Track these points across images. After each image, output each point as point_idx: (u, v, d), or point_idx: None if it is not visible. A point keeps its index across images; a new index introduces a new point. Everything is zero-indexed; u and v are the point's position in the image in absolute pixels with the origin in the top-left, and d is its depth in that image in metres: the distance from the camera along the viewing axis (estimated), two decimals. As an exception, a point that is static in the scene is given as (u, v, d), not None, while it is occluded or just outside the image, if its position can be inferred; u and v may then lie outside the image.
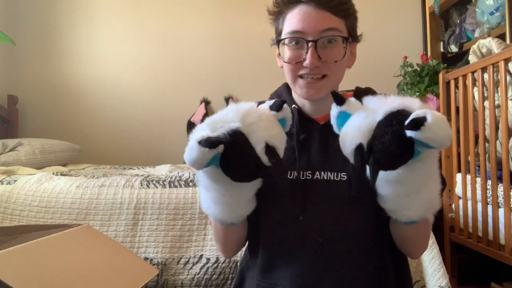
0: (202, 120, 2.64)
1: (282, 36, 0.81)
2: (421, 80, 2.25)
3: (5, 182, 1.60)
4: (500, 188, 1.52)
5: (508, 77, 1.56)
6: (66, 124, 2.97)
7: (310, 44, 0.77)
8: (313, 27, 0.77)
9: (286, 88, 0.92)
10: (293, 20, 0.79)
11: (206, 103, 3.00)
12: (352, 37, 0.82)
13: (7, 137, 2.62)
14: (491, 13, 2.18)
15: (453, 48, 2.68)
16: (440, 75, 1.95)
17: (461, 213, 1.78)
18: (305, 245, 0.79)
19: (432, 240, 1.35)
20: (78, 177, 1.64)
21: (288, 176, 0.82)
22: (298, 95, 0.85)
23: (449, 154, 1.88)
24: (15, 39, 2.61)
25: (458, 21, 2.64)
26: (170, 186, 1.50)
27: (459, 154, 1.82)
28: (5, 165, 2.05)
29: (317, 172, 0.82)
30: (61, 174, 1.70)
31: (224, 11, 3.02)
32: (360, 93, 0.87)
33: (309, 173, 0.82)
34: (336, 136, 0.78)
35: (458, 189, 1.82)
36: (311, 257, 0.78)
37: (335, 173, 0.81)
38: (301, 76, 0.81)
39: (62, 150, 2.53)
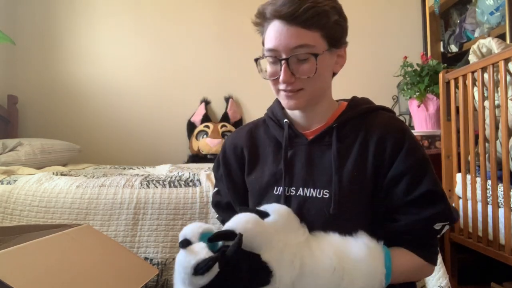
0: (202, 120, 2.67)
1: (263, 53, 0.83)
2: (421, 80, 2.24)
3: (5, 182, 1.60)
4: (500, 188, 1.52)
5: (508, 77, 1.56)
6: (66, 124, 2.97)
7: (282, 62, 0.78)
8: (285, 45, 0.78)
9: (278, 102, 0.94)
10: (268, 37, 0.80)
11: (206, 103, 2.99)
12: (333, 44, 0.82)
13: (7, 137, 2.61)
14: (491, 13, 2.18)
15: (453, 48, 2.68)
16: (440, 75, 1.95)
17: (461, 213, 1.78)
18: None
19: (432, 240, 1.35)
20: (78, 177, 1.64)
21: (274, 192, 0.85)
22: (283, 106, 0.87)
23: (449, 154, 1.88)
24: (15, 39, 2.61)
25: (458, 21, 2.64)
26: (170, 186, 1.50)
27: (459, 154, 1.82)
28: (5, 165, 2.05)
29: (301, 188, 0.84)
30: (61, 174, 1.70)
31: (224, 11, 3.02)
32: (356, 103, 0.91)
33: (293, 189, 0.84)
34: (322, 152, 0.83)
35: (458, 189, 1.82)
36: None
37: (318, 190, 0.82)
38: (281, 90, 0.83)
39: (62, 150, 2.53)
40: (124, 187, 1.50)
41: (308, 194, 0.82)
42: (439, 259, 1.31)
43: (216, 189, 1.01)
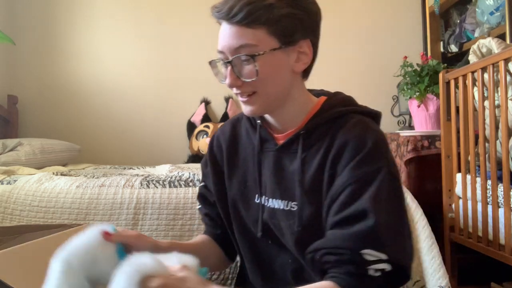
0: (202, 120, 2.68)
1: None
2: (421, 80, 2.24)
3: (5, 182, 1.60)
4: (500, 188, 1.52)
5: (508, 77, 1.56)
6: (66, 124, 2.97)
7: (227, 64, 0.74)
8: (227, 47, 0.73)
9: None
10: (218, 39, 0.75)
11: (206, 103, 2.99)
12: (287, 40, 0.72)
13: (7, 137, 2.61)
14: (491, 13, 2.18)
15: (453, 48, 2.68)
16: (440, 75, 1.95)
17: (461, 213, 1.78)
18: (280, 264, 0.80)
19: (432, 240, 1.35)
20: (78, 177, 1.64)
21: (255, 200, 0.82)
22: None
23: (449, 154, 1.88)
24: (15, 39, 2.61)
25: (458, 21, 2.64)
26: (170, 186, 1.50)
27: (459, 154, 1.82)
28: (5, 165, 2.05)
29: (270, 200, 0.79)
30: (61, 174, 1.70)
31: (224, 11, 3.02)
32: (330, 105, 0.80)
33: (266, 199, 0.80)
34: (291, 160, 0.77)
35: (458, 189, 1.82)
36: (287, 279, 0.79)
37: (286, 201, 0.76)
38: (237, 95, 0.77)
39: (62, 150, 2.53)
40: (124, 187, 1.50)
41: (275, 206, 0.77)
42: (439, 259, 1.31)
43: (203, 183, 0.95)
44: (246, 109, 0.77)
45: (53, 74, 2.99)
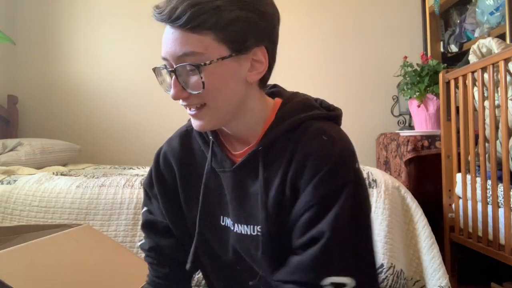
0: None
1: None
2: (421, 80, 2.24)
3: (5, 182, 1.60)
4: (500, 188, 1.52)
5: (508, 77, 1.56)
6: (66, 124, 2.97)
7: (171, 73, 0.65)
8: (171, 53, 0.64)
9: None
10: (162, 43, 0.66)
11: (206, 103, 2.99)
12: (239, 48, 0.64)
13: (7, 137, 2.61)
14: (491, 13, 2.18)
15: (453, 48, 2.68)
16: (440, 75, 1.95)
17: (461, 213, 1.78)
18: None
19: (432, 240, 1.36)
20: (78, 177, 1.64)
21: (221, 222, 0.74)
22: None
23: (449, 154, 1.88)
24: (15, 39, 2.61)
25: (458, 21, 2.64)
26: (170, 186, 1.49)
27: (459, 154, 1.82)
28: (5, 165, 2.05)
29: (235, 224, 0.71)
30: (61, 174, 1.70)
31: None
32: (285, 112, 0.71)
33: (230, 223, 0.72)
34: (252, 180, 0.69)
35: (458, 189, 1.82)
36: None
37: (251, 226, 0.69)
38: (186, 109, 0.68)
39: (62, 150, 2.53)
40: (124, 187, 1.50)
41: (242, 231, 0.70)
42: (439, 259, 1.31)
43: (145, 208, 0.85)
44: (195, 124, 0.68)
45: (53, 74, 2.99)
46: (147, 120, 2.99)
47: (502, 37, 1.99)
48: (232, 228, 0.72)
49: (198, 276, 1.35)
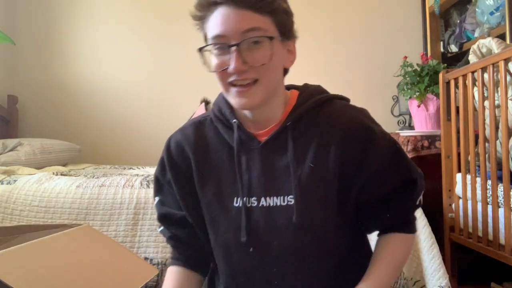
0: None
1: (206, 43, 0.74)
2: (421, 80, 2.24)
3: (5, 182, 1.60)
4: (500, 188, 1.52)
5: (508, 77, 1.56)
6: (66, 124, 2.97)
7: (232, 48, 0.69)
8: (234, 29, 0.69)
9: (225, 98, 0.82)
10: (213, 24, 0.71)
11: (206, 103, 2.99)
12: (284, 34, 0.74)
13: (7, 137, 2.61)
14: (491, 13, 2.18)
15: (453, 48, 2.68)
16: (440, 75, 1.95)
17: (461, 213, 1.78)
18: (261, 276, 0.75)
19: (432, 240, 1.35)
20: (78, 177, 1.64)
21: (234, 204, 0.76)
22: (233, 105, 0.77)
23: (449, 154, 1.88)
24: (15, 39, 2.61)
25: (458, 21, 2.64)
26: (170, 186, 1.49)
27: (459, 154, 1.82)
28: (5, 165, 2.05)
29: (262, 198, 0.75)
30: (61, 174, 1.70)
31: (224, 11, 3.02)
32: (307, 94, 0.81)
33: (254, 200, 0.75)
34: (279, 155, 0.74)
35: (458, 189, 1.82)
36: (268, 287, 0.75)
37: (282, 197, 0.74)
38: (232, 84, 0.72)
39: (62, 150, 2.53)
40: (124, 187, 1.50)
41: (271, 204, 0.74)
42: (439, 259, 1.31)
43: (157, 198, 0.88)
44: (242, 101, 0.72)
45: (53, 74, 2.99)
46: (147, 120, 2.99)
47: (502, 37, 1.99)
48: (256, 204, 0.75)
49: (198, 276, 1.35)
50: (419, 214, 1.43)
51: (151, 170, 2.16)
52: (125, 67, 3.01)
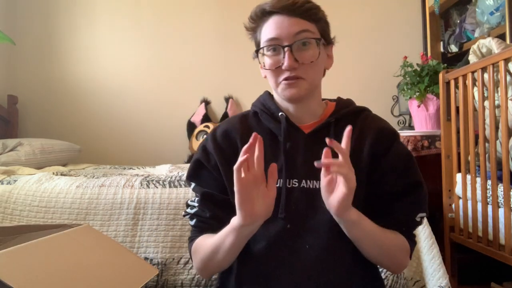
0: (202, 120, 2.67)
1: (261, 46, 0.86)
2: (421, 80, 2.25)
3: (5, 182, 1.60)
4: (500, 188, 1.52)
5: (508, 77, 1.56)
6: (66, 124, 2.97)
7: (286, 48, 0.82)
8: (287, 32, 0.82)
9: (269, 96, 0.95)
10: (268, 29, 0.84)
11: (206, 103, 2.99)
12: (325, 39, 0.87)
13: (7, 137, 2.61)
14: (491, 13, 2.18)
15: (453, 48, 2.68)
16: (440, 75, 1.95)
17: (461, 213, 1.78)
18: (293, 252, 0.82)
19: (432, 240, 1.35)
20: (78, 177, 1.64)
21: (276, 185, 0.82)
22: (282, 98, 0.89)
23: (449, 154, 1.88)
24: (15, 39, 2.61)
25: (458, 21, 2.64)
26: (170, 186, 1.49)
27: (459, 154, 1.82)
28: (5, 165, 2.05)
29: (303, 181, 0.85)
30: (61, 174, 1.70)
31: (224, 10, 3.02)
32: (344, 103, 0.93)
33: (295, 181, 0.85)
34: (320, 146, 0.80)
35: (458, 189, 1.82)
36: (301, 264, 0.81)
37: (320, 182, 0.81)
38: (283, 79, 0.84)
39: (62, 150, 2.53)
40: (124, 187, 1.50)
41: (311, 186, 0.84)
42: (439, 259, 1.31)
43: (193, 184, 0.94)
44: (291, 91, 0.84)
45: (53, 74, 2.99)
46: (147, 120, 2.99)
47: (502, 37, 1.99)
48: (297, 185, 0.85)
49: (198, 276, 1.36)
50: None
51: (151, 170, 2.16)
52: (125, 67, 3.01)
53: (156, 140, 2.98)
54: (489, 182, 1.58)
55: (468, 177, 1.74)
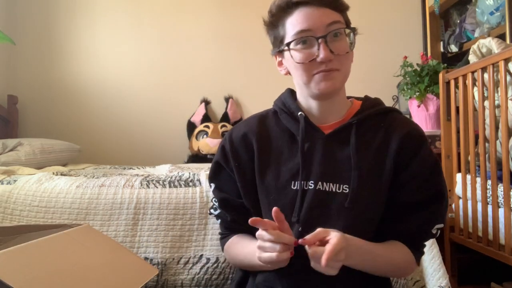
0: (202, 120, 2.67)
1: (288, 40, 0.81)
2: (421, 80, 2.25)
3: (5, 182, 1.60)
4: (500, 188, 1.52)
5: (508, 77, 1.56)
6: (66, 124, 2.97)
7: (320, 40, 0.78)
8: (319, 23, 0.78)
9: (291, 94, 0.92)
10: (296, 22, 0.80)
11: (206, 103, 2.99)
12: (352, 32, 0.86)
13: (7, 137, 2.61)
14: (491, 13, 2.18)
15: (453, 48, 2.68)
16: (440, 75, 1.95)
17: (461, 213, 1.78)
18: (302, 254, 0.78)
19: (432, 240, 1.35)
20: (78, 177, 1.64)
21: (292, 187, 0.83)
22: (314, 93, 0.84)
23: (449, 154, 1.88)
24: (15, 39, 2.61)
25: (458, 21, 2.64)
26: (170, 186, 1.49)
27: (459, 154, 1.82)
28: (5, 165, 2.05)
29: (320, 183, 0.82)
30: (61, 174, 1.70)
31: (224, 10, 3.02)
32: (371, 103, 0.90)
33: (311, 183, 0.83)
34: (340, 147, 0.81)
35: (458, 189, 1.82)
36: (308, 266, 0.78)
37: (338, 184, 0.81)
38: (317, 72, 0.81)
39: (62, 150, 2.53)
40: (124, 187, 1.50)
41: (327, 189, 0.82)
42: (439, 259, 1.31)
43: (213, 185, 0.96)
44: (327, 84, 0.81)
45: (53, 74, 2.99)
46: (147, 120, 2.99)
47: (502, 37, 1.99)
48: (313, 187, 0.82)
49: (198, 276, 1.36)
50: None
51: (151, 170, 2.16)
52: (125, 67, 3.01)
53: (156, 140, 2.98)
54: (489, 182, 1.58)
55: (468, 177, 1.74)
